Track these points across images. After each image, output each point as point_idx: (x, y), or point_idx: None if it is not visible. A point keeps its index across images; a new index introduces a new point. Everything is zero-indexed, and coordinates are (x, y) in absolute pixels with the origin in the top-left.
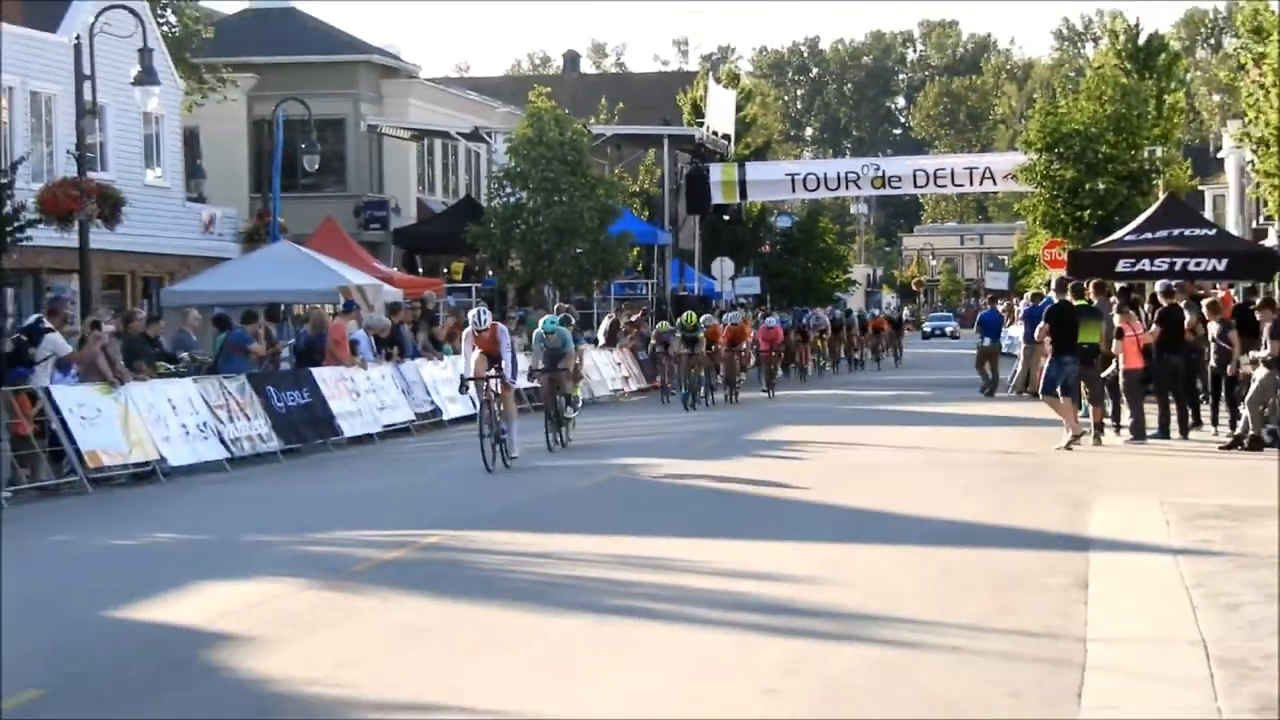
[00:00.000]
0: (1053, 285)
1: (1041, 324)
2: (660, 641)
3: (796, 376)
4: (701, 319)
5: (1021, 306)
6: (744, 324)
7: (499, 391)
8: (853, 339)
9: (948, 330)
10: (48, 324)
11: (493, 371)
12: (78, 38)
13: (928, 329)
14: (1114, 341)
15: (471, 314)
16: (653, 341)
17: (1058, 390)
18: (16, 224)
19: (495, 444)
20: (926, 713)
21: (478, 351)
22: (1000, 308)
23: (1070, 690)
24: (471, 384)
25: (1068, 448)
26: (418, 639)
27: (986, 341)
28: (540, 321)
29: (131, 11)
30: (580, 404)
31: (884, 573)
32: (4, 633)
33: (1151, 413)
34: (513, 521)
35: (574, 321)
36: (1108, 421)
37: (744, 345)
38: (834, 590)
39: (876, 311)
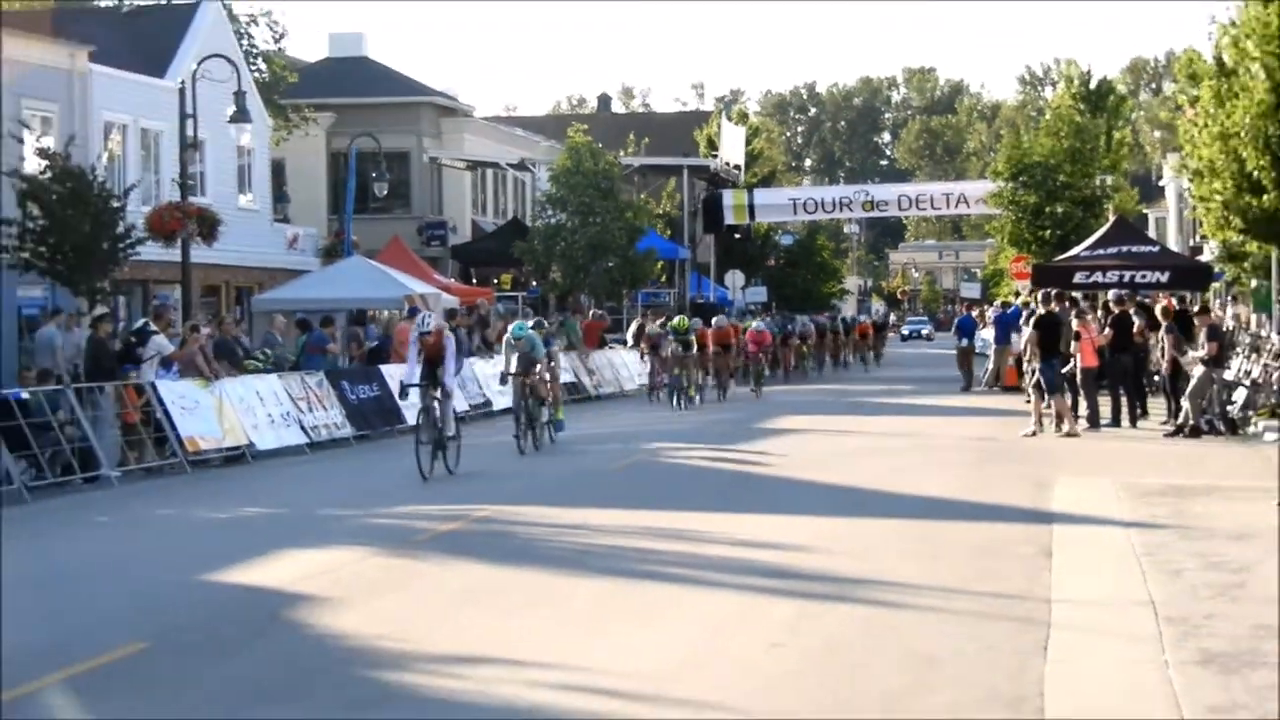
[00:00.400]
0: (1039, 298)
1: (1031, 332)
2: (679, 601)
3: (782, 377)
4: (690, 322)
5: (992, 313)
6: (730, 328)
7: (439, 399)
8: (837, 342)
9: (923, 333)
10: (153, 327)
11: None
12: (182, 82)
13: (906, 332)
14: (1072, 343)
15: (419, 317)
16: (642, 345)
17: (1052, 388)
18: (128, 241)
19: (436, 451)
20: (912, 663)
21: (422, 356)
22: (974, 314)
23: (1038, 644)
24: (413, 390)
25: (1069, 435)
26: (471, 599)
27: (964, 343)
28: (509, 327)
29: (228, 60)
30: (564, 427)
31: (873, 542)
32: (114, 593)
33: (1105, 404)
34: (553, 497)
35: (547, 327)
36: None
37: (732, 347)
38: (830, 557)
39: (864, 317)
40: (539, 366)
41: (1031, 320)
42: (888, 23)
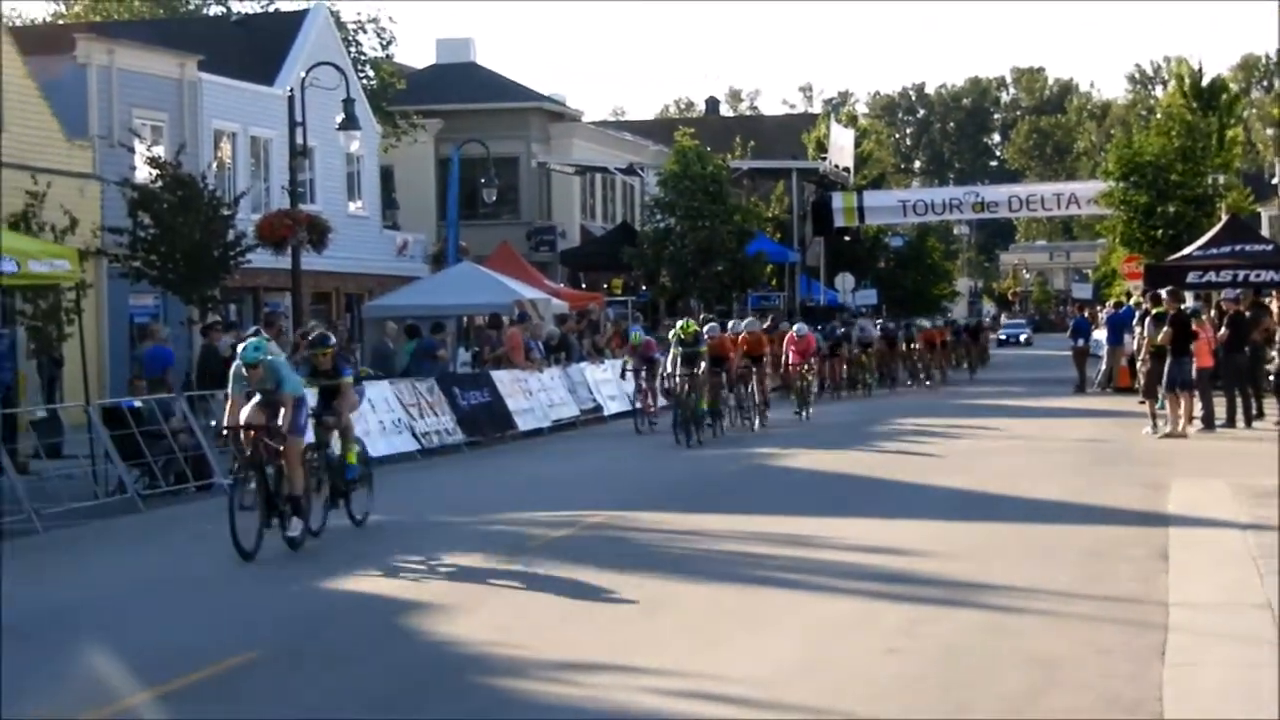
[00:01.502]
0: (1165, 297)
1: (1165, 330)
2: (794, 607)
3: (831, 393)
4: (706, 328)
5: (1104, 314)
6: (761, 335)
7: (279, 449)
8: (909, 353)
9: (1021, 338)
10: (265, 334)
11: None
12: (291, 90)
13: (1002, 336)
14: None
15: (241, 345)
16: (626, 359)
17: (1177, 387)
18: (238, 249)
19: (268, 521)
20: (1029, 667)
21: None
22: (1087, 314)
23: (1154, 648)
24: (231, 434)
25: (1177, 435)
26: (584, 606)
27: (1079, 343)
28: (239, 349)
29: (336, 68)
30: (364, 474)
31: (987, 546)
32: (227, 601)
33: (1219, 405)
34: (666, 503)
35: (333, 342)
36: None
37: (765, 358)
38: (944, 561)
39: (926, 323)
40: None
41: (1156, 319)
42: (996, 22)
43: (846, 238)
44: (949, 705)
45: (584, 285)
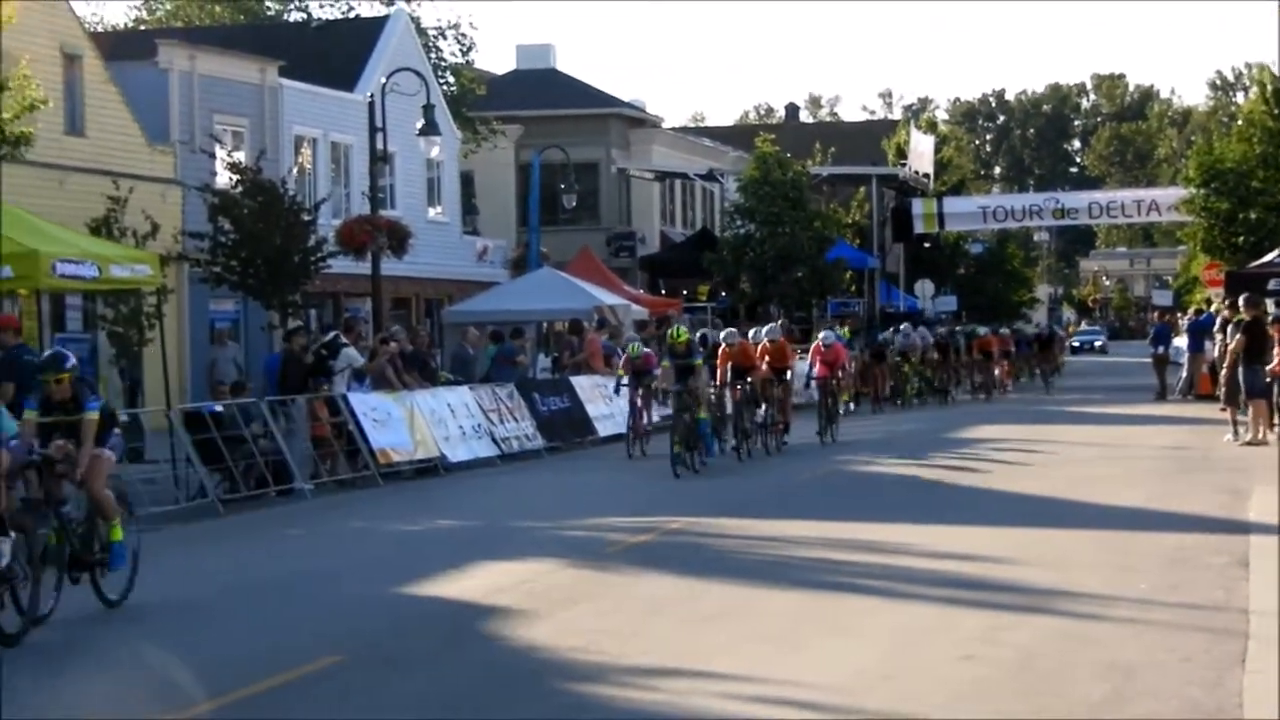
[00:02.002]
0: (1242, 304)
1: (1239, 336)
2: (872, 613)
3: (873, 405)
4: (724, 334)
5: (1185, 321)
6: (782, 343)
7: (76, 478)
8: (961, 362)
9: (1096, 344)
10: (344, 340)
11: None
12: (371, 96)
13: (1076, 343)
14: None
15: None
16: (620, 374)
17: (1258, 392)
18: (319, 254)
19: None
20: (1108, 674)
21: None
22: (1168, 321)
23: (1235, 656)
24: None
25: (1257, 444)
26: (664, 611)
27: (1159, 350)
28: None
29: (417, 74)
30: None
31: (1066, 553)
32: (309, 605)
33: None
34: (744, 509)
35: (71, 364)
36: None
37: (788, 371)
38: (1022, 568)
39: (983, 330)
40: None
41: (1237, 326)
42: (1077, 29)
43: (926, 244)
44: (1027, 712)
45: (663, 291)
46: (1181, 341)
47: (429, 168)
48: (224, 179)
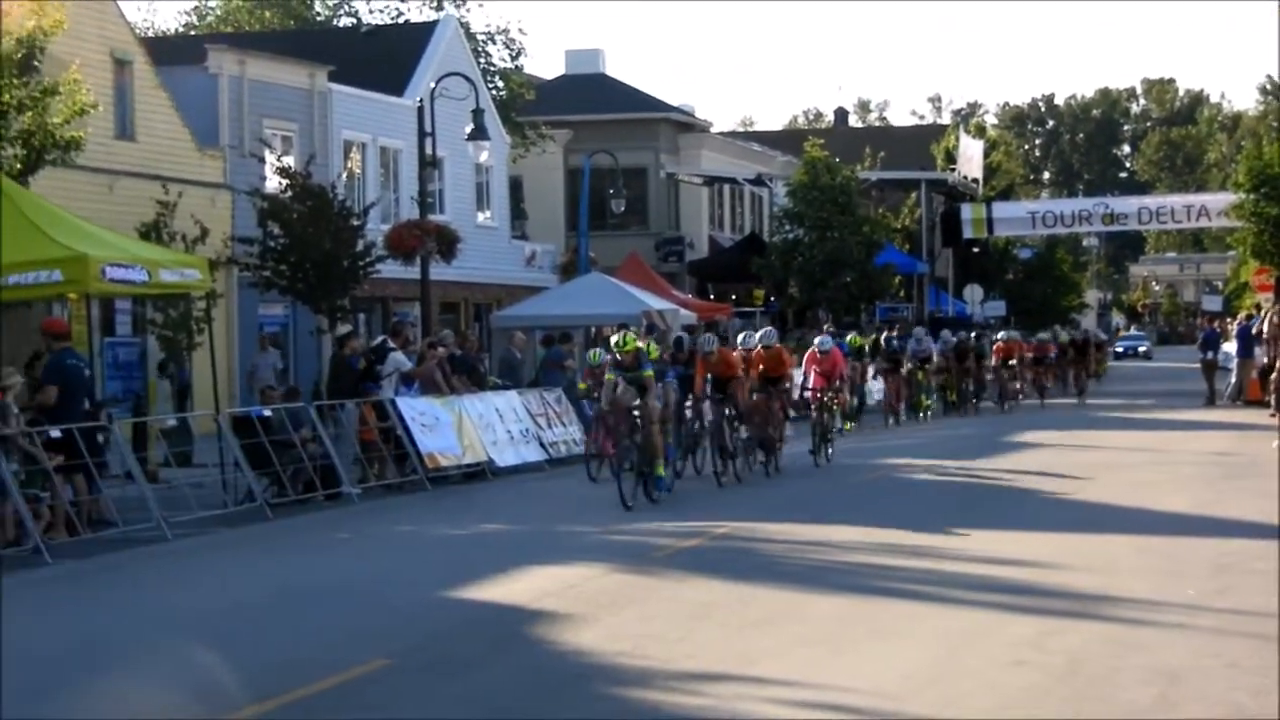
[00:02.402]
0: None
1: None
2: (919, 618)
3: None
4: (702, 339)
5: (1234, 326)
6: (782, 350)
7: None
8: (981, 370)
9: (1140, 350)
10: (392, 344)
11: None
12: (420, 101)
13: (1120, 348)
14: None
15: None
16: (582, 385)
17: None
18: (368, 259)
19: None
20: (1156, 679)
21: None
22: (1217, 327)
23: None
24: None
25: None
26: (710, 616)
27: (1208, 356)
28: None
29: (466, 78)
30: None
31: (1113, 558)
32: (357, 609)
33: None
34: (791, 514)
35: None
36: None
37: (785, 381)
38: (1071, 574)
39: (1000, 337)
40: None
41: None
42: (1126, 33)
43: (975, 249)
44: (1074, 717)
45: (712, 296)
46: (1231, 347)
47: (478, 172)
48: (273, 183)
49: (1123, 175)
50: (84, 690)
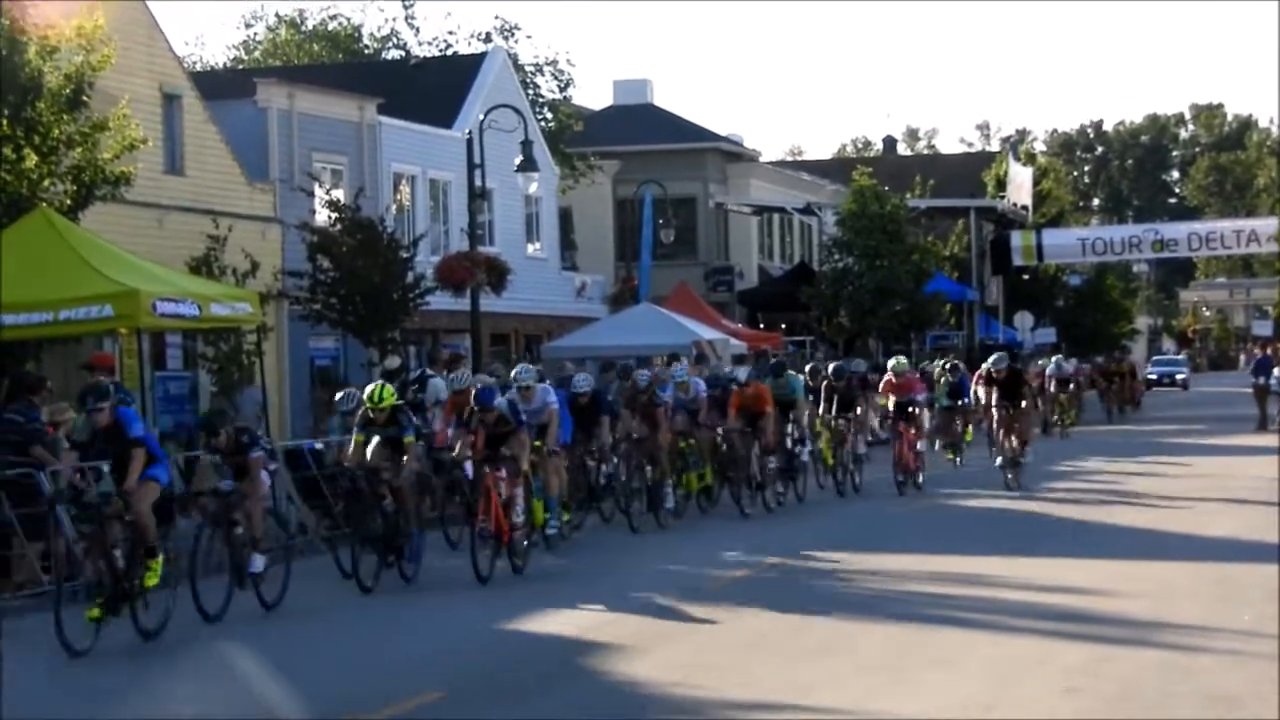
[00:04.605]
0: None
1: None
2: (972, 646)
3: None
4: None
5: None
6: (762, 387)
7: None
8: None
9: (1178, 378)
10: (429, 371)
11: None
12: (469, 133)
13: (1153, 375)
14: None
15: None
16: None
17: None
18: (418, 291)
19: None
20: (1210, 706)
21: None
22: (1270, 352)
23: None
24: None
25: None
26: (762, 646)
27: (1260, 381)
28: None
29: (515, 110)
30: None
31: (1167, 585)
32: (411, 642)
33: None
34: (841, 543)
35: None
36: None
37: (768, 417)
38: (1124, 600)
39: (996, 362)
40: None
41: None
42: (1175, 59)
43: (1025, 276)
44: None
45: (762, 325)
46: None
47: (527, 204)
48: (323, 216)
49: (1172, 201)
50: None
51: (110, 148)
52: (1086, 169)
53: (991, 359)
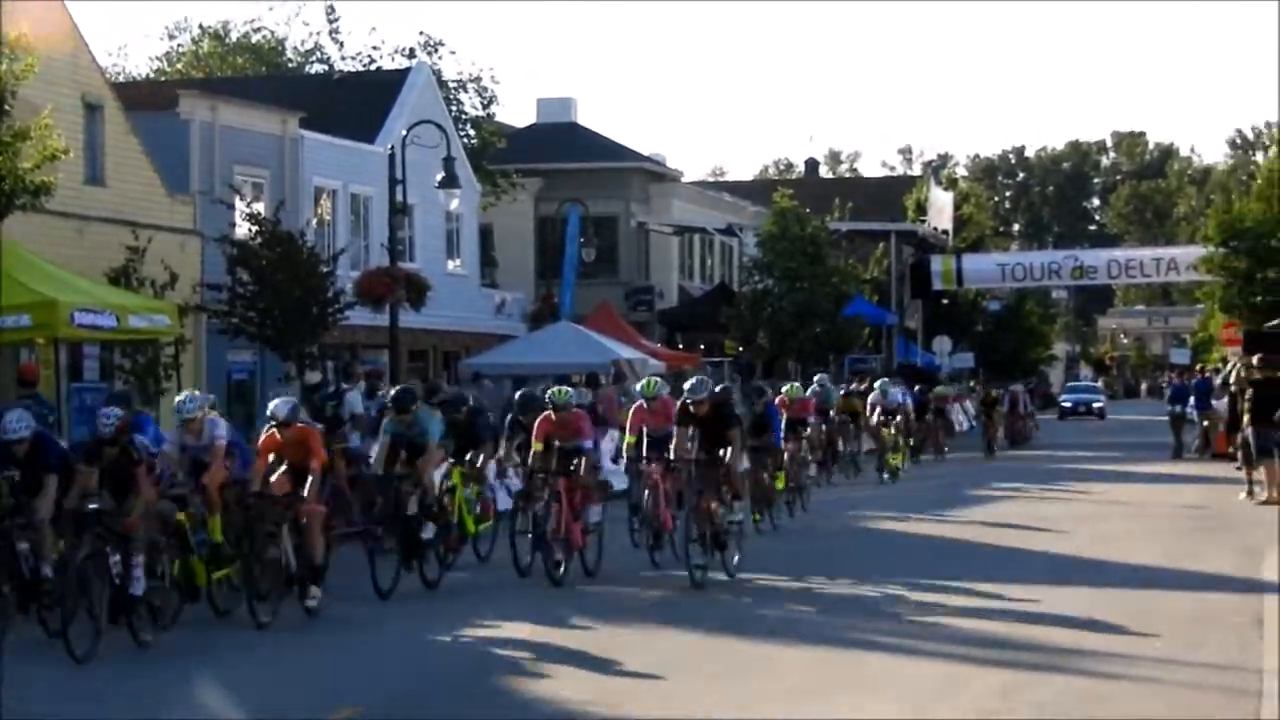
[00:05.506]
0: (1255, 363)
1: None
2: (888, 670)
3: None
4: (688, 385)
5: (1193, 381)
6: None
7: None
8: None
9: (1095, 407)
10: (346, 385)
11: None
12: (391, 148)
13: (1067, 404)
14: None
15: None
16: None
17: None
18: (337, 306)
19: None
20: None
21: None
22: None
23: (1250, 715)
24: None
25: (1268, 502)
26: (680, 666)
27: (1176, 409)
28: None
29: (437, 126)
30: None
31: (1084, 611)
32: (334, 658)
33: None
34: (763, 567)
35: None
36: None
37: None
38: (1041, 627)
39: (906, 391)
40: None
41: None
42: (1097, 86)
43: (945, 300)
44: None
45: (681, 346)
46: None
47: (448, 220)
48: (243, 230)
49: (1092, 228)
50: None
51: (31, 157)
52: (1008, 194)
53: (689, 384)
